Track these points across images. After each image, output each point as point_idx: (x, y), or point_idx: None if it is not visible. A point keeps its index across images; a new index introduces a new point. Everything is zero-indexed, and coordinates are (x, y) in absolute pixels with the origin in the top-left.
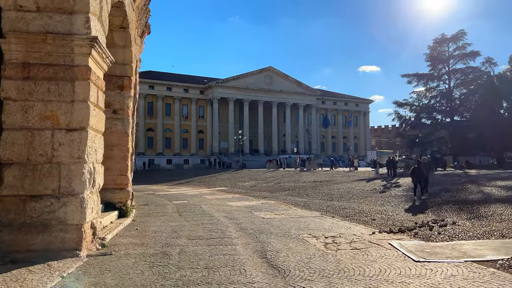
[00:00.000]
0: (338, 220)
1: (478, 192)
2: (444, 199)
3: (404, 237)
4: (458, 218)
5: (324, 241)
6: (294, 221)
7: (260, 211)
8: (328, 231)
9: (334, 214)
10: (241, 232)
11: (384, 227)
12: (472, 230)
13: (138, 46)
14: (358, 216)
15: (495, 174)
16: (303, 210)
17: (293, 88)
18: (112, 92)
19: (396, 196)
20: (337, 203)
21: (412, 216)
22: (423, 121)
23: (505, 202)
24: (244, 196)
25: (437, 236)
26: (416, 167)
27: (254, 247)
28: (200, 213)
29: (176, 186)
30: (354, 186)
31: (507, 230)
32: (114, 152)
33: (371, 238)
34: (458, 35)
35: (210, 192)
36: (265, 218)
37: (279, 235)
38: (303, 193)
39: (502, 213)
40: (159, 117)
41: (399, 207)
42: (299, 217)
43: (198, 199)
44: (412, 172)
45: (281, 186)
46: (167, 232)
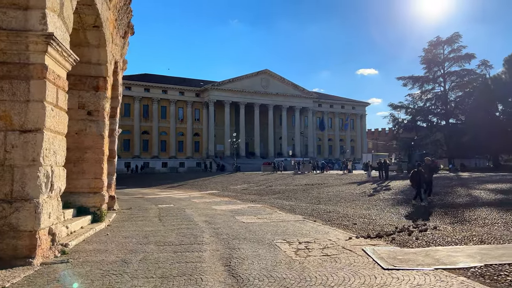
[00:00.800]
0: (319, 225)
1: (467, 195)
2: (431, 203)
3: (380, 242)
4: (441, 222)
5: (297, 247)
6: (273, 226)
7: (243, 215)
8: (305, 236)
9: (317, 218)
10: (214, 238)
11: (363, 231)
12: (451, 235)
13: (119, 46)
14: (340, 220)
15: (487, 177)
16: (287, 214)
17: (289, 91)
18: (87, 93)
19: (384, 200)
20: (324, 206)
21: (395, 220)
22: (419, 124)
23: (491, 205)
24: (232, 200)
25: (414, 242)
26: (416, 170)
27: (221, 254)
28: (181, 218)
29: (168, 189)
30: (344, 189)
31: (487, 235)
32: (88, 155)
33: (346, 243)
34: (453, 37)
35: (200, 195)
36: (245, 222)
37: (252, 241)
38: (292, 196)
39: (486, 217)
40: (154, 120)
41: (384, 211)
42: (281, 221)
43: (185, 203)
44: (412, 176)
45: (272, 190)
46: (137, 238)
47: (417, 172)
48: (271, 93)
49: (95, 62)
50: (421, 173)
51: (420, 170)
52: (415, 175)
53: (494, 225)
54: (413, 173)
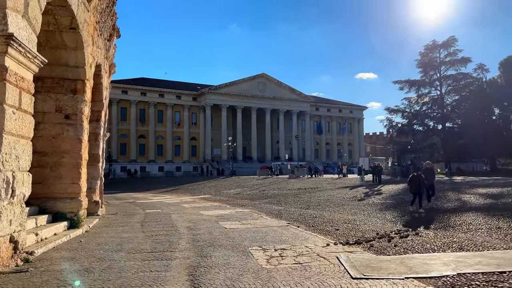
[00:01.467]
0: (301, 230)
1: (456, 200)
2: (431, 208)
3: (357, 249)
4: (425, 228)
5: (271, 255)
6: (255, 232)
7: (228, 220)
8: (283, 242)
9: (301, 223)
10: (190, 245)
11: (344, 238)
12: (431, 242)
13: (102, 49)
14: (324, 226)
15: (480, 181)
16: (272, 219)
17: (286, 95)
18: (64, 96)
19: (373, 204)
20: (312, 211)
21: (379, 226)
22: (415, 128)
23: (478, 210)
24: (222, 205)
25: (392, 249)
26: (415, 174)
27: (190, 262)
28: (164, 223)
29: (161, 194)
30: (336, 193)
31: (468, 242)
32: (66, 160)
33: (322, 250)
34: (449, 41)
35: (191, 200)
36: (227, 228)
37: (227, 248)
38: (283, 201)
39: (472, 222)
40: (151, 124)
41: (370, 216)
42: (264, 226)
43: (174, 208)
44: (411, 180)
45: (265, 194)
46: (111, 245)
47: (417, 176)
48: (268, 97)
49: (73, 65)
50: (421, 178)
51: (420, 175)
52: (414, 179)
53: (477, 231)
54: (412, 177)
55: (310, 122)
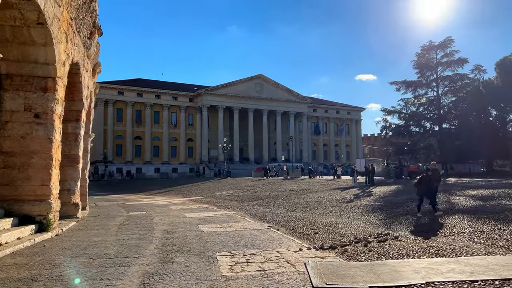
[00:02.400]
0: (280, 234)
1: (445, 202)
2: (405, 209)
3: (330, 254)
4: (406, 231)
5: (237, 261)
6: (231, 235)
7: (209, 223)
8: (255, 247)
9: (283, 226)
10: (158, 250)
11: (320, 242)
12: (408, 247)
13: (79, 47)
14: (304, 229)
15: (473, 183)
16: (254, 222)
17: (283, 96)
18: (34, 94)
19: (361, 206)
20: (297, 213)
21: (361, 229)
22: (411, 129)
23: (465, 213)
24: (210, 207)
25: (367, 254)
26: (425, 176)
27: (149, 269)
28: (141, 226)
29: (153, 195)
30: (326, 195)
31: (447, 246)
32: (35, 160)
33: (293, 256)
34: (445, 42)
35: (180, 202)
36: (204, 231)
37: (194, 253)
38: (272, 202)
39: (455, 226)
40: (147, 125)
41: (354, 219)
42: (243, 230)
43: (159, 210)
44: (419, 183)
45: (256, 196)
46: (75, 250)
47: (427, 177)
48: (265, 98)
49: (43, 62)
50: (431, 179)
51: (430, 176)
52: (424, 181)
53: (460, 234)
54: (422, 178)
55: (307, 123)
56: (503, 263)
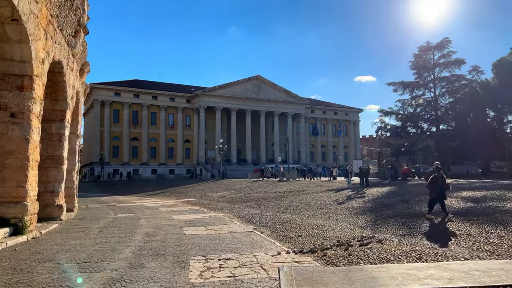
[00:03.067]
0: (263, 237)
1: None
2: (396, 211)
3: (308, 259)
4: (392, 234)
5: (210, 266)
6: (212, 238)
7: (194, 226)
8: (233, 251)
9: (268, 228)
10: (132, 254)
11: (302, 245)
12: (391, 251)
13: (61, 45)
14: (289, 232)
15: (467, 184)
16: (241, 224)
17: (281, 97)
18: (10, 93)
19: (351, 208)
20: (286, 215)
21: (346, 232)
22: (409, 130)
23: (455, 215)
24: (200, 208)
25: (346, 258)
26: (436, 175)
27: (115, 275)
28: (124, 229)
29: (147, 197)
30: (319, 196)
31: (430, 250)
32: (10, 161)
33: (269, 260)
34: (443, 43)
35: (172, 204)
36: (186, 234)
37: (168, 258)
38: (263, 204)
39: (443, 228)
40: (144, 126)
41: (342, 221)
42: (226, 233)
43: (148, 212)
44: (431, 183)
45: (249, 197)
46: (46, 254)
47: (438, 177)
48: (262, 99)
49: (19, 60)
50: (444, 179)
51: (442, 176)
52: (435, 181)
53: (446, 237)
54: (433, 178)
55: (305, 125)
56: (484, 269)
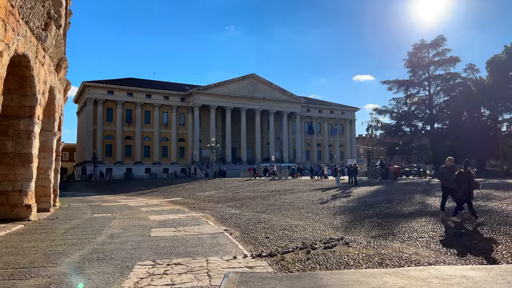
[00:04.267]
0: (229, 239)
1: (419, 203)
2: (376, 211)
3: (263, 264)
4: (364, 235)
5: (153, 272)
6: (175, 240)
7: (165, 227)
8: (189, 255)
9: (239, 230)
10: (80, 258)
11: (264, 248)
12: (354, 254)
13: (26, 37)
14: (258, 233)
15: None
16: (214, 225)
17: (276, 96)
18: None
19: (332, 208)
20: (265, 215)
21: (317, 233)
22: (403, 128)
23: (434, 215)
24: (182, 208)
25: (303, 263)
26: (462, 172)
27: (44, 283)
28: (91, 230)
29: (135, 196)
30: (304, 196)
31: (396, 253)
32: None
33: (220, 265)
34: (437, 41)
35: (156, 203)
36: (152, 236)
37: (114, 263)
38: (247, 203)
39: (418, 229)
40: (137, 125)
41: (318, 221)
42: (194, 234)
43: (127, 212)
44: (457, 181)
45: (235, 197)
46: None
47: (465, 174)
48: (258, 98)
49: None
50: (472, 176)
51: (470, 172)
52: (462, 178)
53: (417, 240)
54: (459, 175)
55: (301, 123)
56: (445, 276)
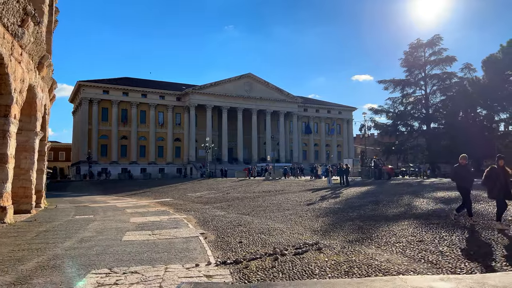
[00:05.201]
0: (201, 243)
1: (406, 205)
2: (360, 213)
3: (224, 272)
4: (341, 240)
5: (103, 283)
6: (145, 245)
7: (142, 230)
8: (149, 262)
9: (216, 233)
10: (35, 265)
11: (235, 254)
12: (323, 261)
13: None
14: (234, 237)
15: (447, 183)
16: (193, 228)
17: (273, 95)
18: None
19: (317, 210)
20: (247, 217)
21: (294, 237)
22: (399, 128)
23: (418, 218)
24: (167, 210)
25: (266, 271)
26: (494, 168)
27: None
28: (65, 233)
29: (126, 197)
30: (294, 197)
31: (367, 260)
32: None
33: (178, 274)
34: (434, 40)
35: (144, 204)
36: (123, 241)
37: (69, 270)
38: (234, 205)
39: (397, 233)
40: (133, 124)
41: (298, 224)
42: (168, 238)
43: (110, 213)
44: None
45: (225, 197)
46: None
47: (498, 170)
48: (254, 97)
49: None
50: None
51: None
52: (494, 175)
53: (394, 245)
54: (491, 172)
55: (297, 123)
56: (411, 286)
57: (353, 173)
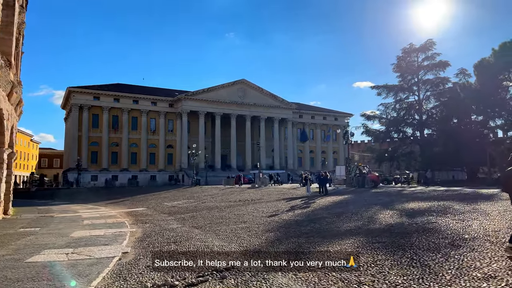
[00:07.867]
0: (109, 268)
1: (367, 218)
2: (312, 228)
3: None
4: (263, 262)
5: None
6: (41, 270)
7: (67, 247)
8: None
9: (141, 253)
10: None
11: (122, 285)
12: None
13: None
14: (150, 259)
15: (427, 193)
16: (123, 247)
17: (267, 101)
18: None
19: (275, 222)
20: (195, 232)
21: (218, 258)
22: (391, 135)
23: (368, 235)
24: (125, 222)
25: None
26: None
27: None
28: None
29: (101, 206)
30: (263, 207)
31: None
32: None
33: None
34: (426, 44)
35: (112, 214)
36: (26, 262)
37: None
38: (199, 216)
39: (331, 255)
40: (124, 131)
41: (237, 242)
42: (81, 259)
43: (63, 225)
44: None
45: (197, 207)
46: None
47: None
48: (248, 104)
49: None
50: None
51: None
52: None
53: (316, 271)
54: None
55: (292, 130)
56: None
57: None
